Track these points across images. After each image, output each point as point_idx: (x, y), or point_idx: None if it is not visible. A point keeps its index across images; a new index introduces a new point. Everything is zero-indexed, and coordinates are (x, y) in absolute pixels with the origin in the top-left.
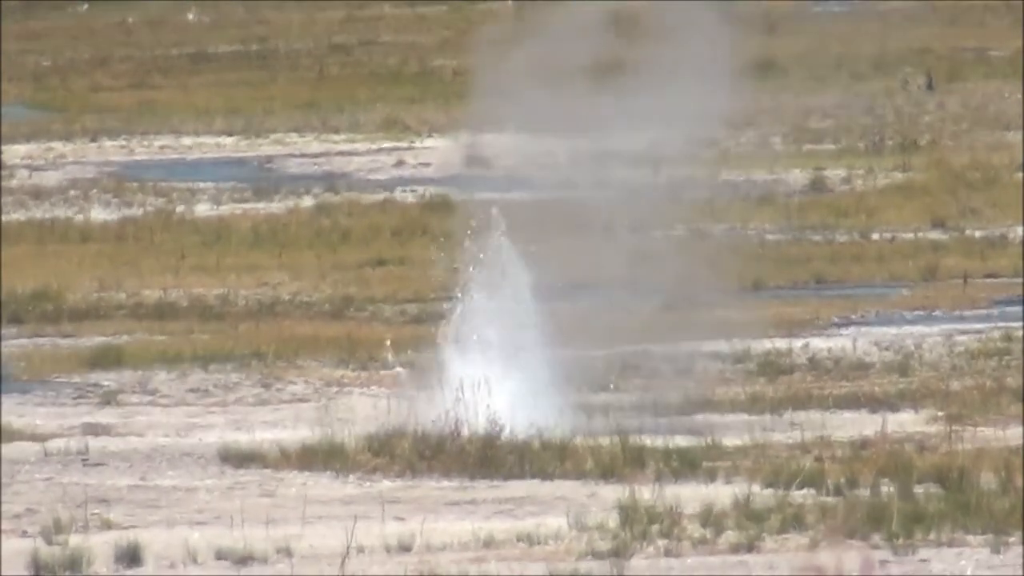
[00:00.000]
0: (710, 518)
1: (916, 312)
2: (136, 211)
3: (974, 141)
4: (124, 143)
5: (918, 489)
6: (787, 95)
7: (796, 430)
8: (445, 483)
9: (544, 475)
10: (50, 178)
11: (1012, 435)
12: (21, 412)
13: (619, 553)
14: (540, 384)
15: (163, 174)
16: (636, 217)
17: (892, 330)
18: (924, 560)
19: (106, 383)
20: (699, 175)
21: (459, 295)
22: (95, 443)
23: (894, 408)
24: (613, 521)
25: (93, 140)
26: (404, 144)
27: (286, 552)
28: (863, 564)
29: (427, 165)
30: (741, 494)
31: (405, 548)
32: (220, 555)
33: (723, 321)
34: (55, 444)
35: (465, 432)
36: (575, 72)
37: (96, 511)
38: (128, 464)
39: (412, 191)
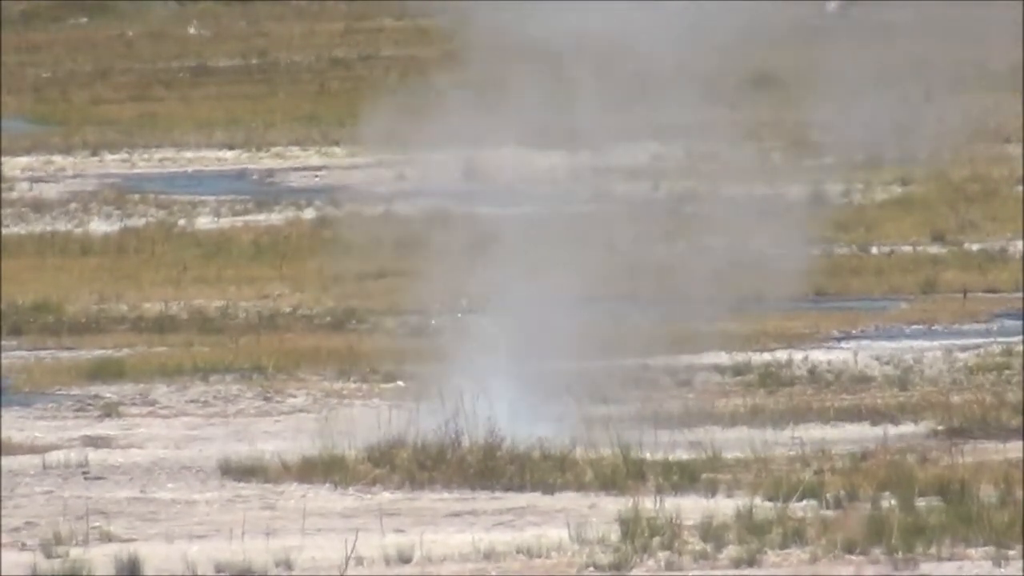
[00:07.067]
0: (711, 531)
1: (916, 326)
2: (137, 223)
3: (973, 154)
4: (125, 156)
5: (919, 502)
6: (786, 109)
7: (797, 443)
8: (445, 494)
9: (545, 487)
10: (50, 191)
11: (1012, 448)
12: (21, 425)
13: (620, 566)
14: (541, 396)
15: (164, 187)
16: (636, 230)
17: (892, 344)
18: (925, 574)
19: (106, 395)
20: (699, 189)
21: (459, 307)
22: (95, 456)
23: (895, 421)
24: (614, 534)
25: (94, 153)
26: (405, 157)
27: (286, 565)
28: None
29: (428, 178)
30: (742, 507)
31: (405, 560)
32: (220, 568)
33: (723, 334)
34: (55, 457)
35: (465, 443)
36: (570, 85)
37: (96, 524)
38: (128, 477)
39: (413, 204)
